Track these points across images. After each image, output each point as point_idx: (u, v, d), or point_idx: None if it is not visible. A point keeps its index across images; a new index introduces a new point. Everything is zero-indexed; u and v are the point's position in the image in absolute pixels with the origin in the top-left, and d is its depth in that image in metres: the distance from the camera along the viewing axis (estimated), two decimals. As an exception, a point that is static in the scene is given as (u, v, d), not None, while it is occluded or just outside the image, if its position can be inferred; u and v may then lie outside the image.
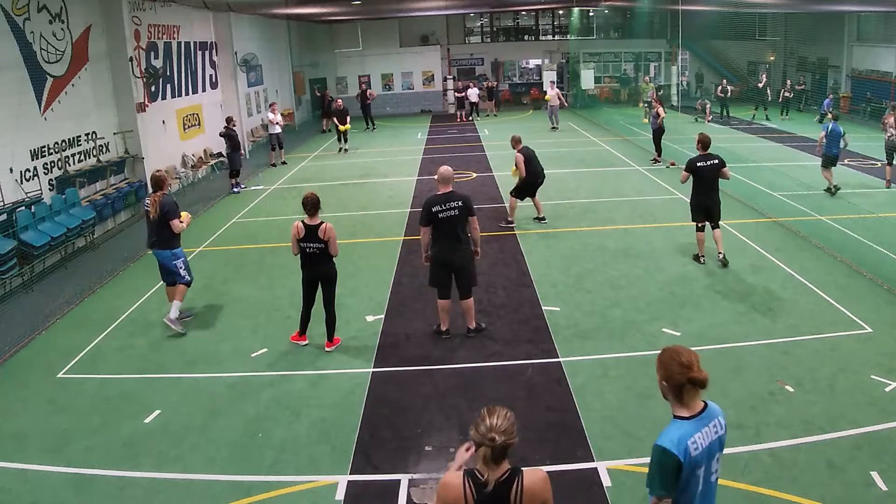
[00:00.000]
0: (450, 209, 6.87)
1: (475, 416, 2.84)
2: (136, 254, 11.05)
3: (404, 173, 16.71)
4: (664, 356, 3.03)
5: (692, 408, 3.00)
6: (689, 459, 2.90)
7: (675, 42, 27.37)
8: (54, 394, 6.65)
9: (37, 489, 5.17)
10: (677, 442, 2.90)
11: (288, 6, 19.48)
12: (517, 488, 2.79)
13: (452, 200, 6.90)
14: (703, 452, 2.94)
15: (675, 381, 2.97)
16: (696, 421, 2.97)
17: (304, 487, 5.06)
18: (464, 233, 7.01)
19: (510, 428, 2.78)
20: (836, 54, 26.30)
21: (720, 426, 3.04)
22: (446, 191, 6.97)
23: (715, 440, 3.01)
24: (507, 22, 33.93)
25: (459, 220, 6.92)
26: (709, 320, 7.58)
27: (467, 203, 6.94)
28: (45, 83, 11.17)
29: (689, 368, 2.95)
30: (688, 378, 2.94)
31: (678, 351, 3.01)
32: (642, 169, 15.89)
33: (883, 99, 23.28)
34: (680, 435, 2.92)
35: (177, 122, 16.49)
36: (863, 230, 10.49)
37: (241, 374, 6.84)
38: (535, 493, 2.82)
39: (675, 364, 2.97)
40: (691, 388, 2.97)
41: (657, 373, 3.05)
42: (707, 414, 3.01)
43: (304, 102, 28.91)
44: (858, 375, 6.24)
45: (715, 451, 3.02)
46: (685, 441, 2.90)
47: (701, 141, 9.22)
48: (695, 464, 2.93)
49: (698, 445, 2.92)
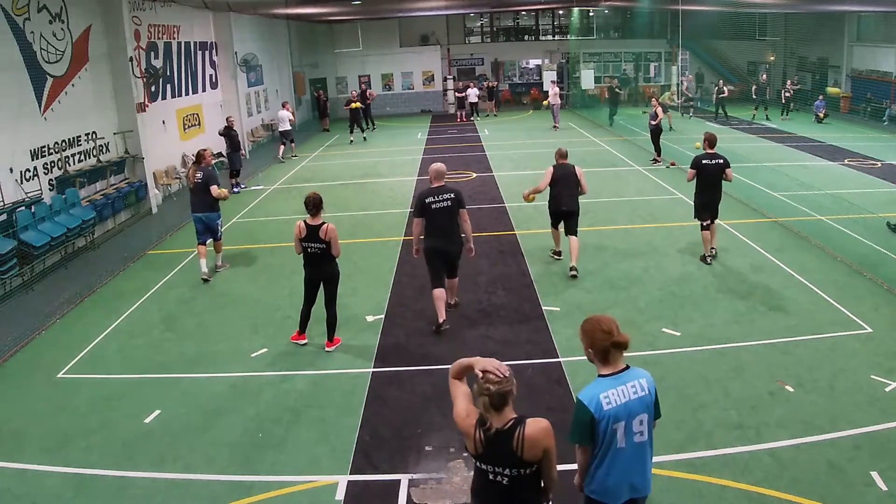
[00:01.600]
0: (442, 201, 7.25)
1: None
2: (136, 254, 11.06)
3: (404, 173, 16.71)
4: (586, 325, 3.31)
5: (614, 368, 3.28)
6: (602, 413, 3.18)
7: (675, 42, 27.36)
8: (54, 394, 6.65)
9: (37, 489, 5.17)
10: (590, 396, 3.21)
11: (288, 6, 19.49)
12: (519, 435, 3.02)
13: (444, 194, 7.28)
14: (618, 408, 3.20)
15: (599, 347, 3.25)
16: (614, 378, 3.25)
17: (304, 487, 5.06)
18: (456, 225, 7.35)
19: (503, 377, 3.05)
20: (836, 54, 26.31)
21: (641, 388, 3.27)
22: (439, 185, 7.34)
23: (635, 399, 3.24)
24: (507, 22, 33.92)
25: (451, 211, 7.26)
26: (709, 320, 7.58)
27: (458, 196, 7.32)
28: (45, 83, 11.17)
29: (609, 334, 3.23)
30: (611, 342, 3.22)
31: (599, 319, 3.29)
32: (642, 169, 15.90)
33: (883, 99, 23.29)
34: (596, 390, 3.23)
35: (177, 122, 16.49)
36: (863, 230, 10.49)
37: (241, 374, 6.84)
38: (536, 440, 3.03)
39: (598, 332, 3.25)
40: (615, 352, 3.25)
41: (582, 341, 3.33)
42: (627, 374, 3.28)
43: (304, 102, 28.91)
44: (858, 375, 6.24)
45: (636, 412, 3.24)
46: (597, 395, 3.20)
47: (707, 139, 9.23)
48: (609, 418, 3.18)
49: (611, 401, 3.19)
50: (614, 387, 3.22)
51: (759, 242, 10.17)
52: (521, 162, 16.84)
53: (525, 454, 3.02)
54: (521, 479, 3.08)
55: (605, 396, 3.19)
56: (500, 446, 3.04)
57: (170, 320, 8.31)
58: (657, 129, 16.39)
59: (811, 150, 17.84)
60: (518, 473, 3.07)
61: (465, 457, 5.26)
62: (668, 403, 5.43)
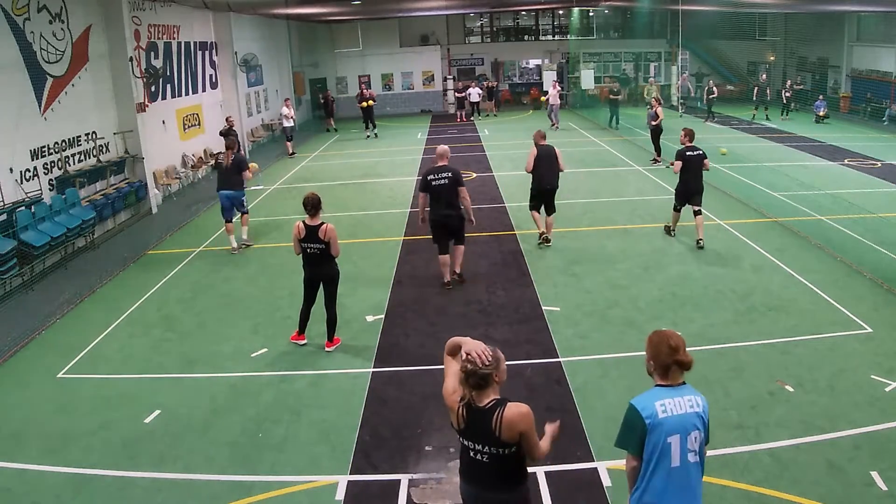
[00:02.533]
0: (441, 178, 8.28)
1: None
2: (137, 254, 11.06)
3: (404, 173, 16.70)
4: (654, 338, 3.23)
5: (672, 382, 3.20)
6: (657, 420, 3.06)
7: (675, 42, 27.37)
8: (54, 394, 6.65)
9: (37, 489, 5.17)
10: (645, 402, 3.13)
11: (288, 6, 19.48)
12: (498, 416, 3.15)
13: (444, 172, 8.32)
14: (675, 419, 3.08)
15: (662, 361, 3.18)
16: (672, 388, 3.17)
17: (304, 487, 5.06)
18: (454, 198, 8.32)
19: (487, 361, 3.17)
20: (836, 54, 26.31)
21: (697, 405, 3.17)
22: (442, 164, 8.40)
23: (691, 414, 3.12)
24: (507, 22, 33.91)
25: (449, 188, 8.27)
26: (709, 320, 7.58)
27: (456, 175, 8.38)
28: (45, 83, 11.17)
29: (676, 351, 3.16)
30: (675, 360, 3.15)
31: (668, 335, 3.21)
32: (642, 169, 15.90)
33: (883, 99, 23.30)
34: (651, 396, 3.14)
35: (177, 122, 16.49)
36: (863, 230, 10.49)
37: (241, 374, 6.84)
38: (513, 423, 3.14)
39: (665, 346, 3.16)
40: (676, 369, 3.18)
41: (646, 351, 3.25)
42: (684, 388, 3.20)
43: (304, 102, 28.90)
44: (858, 375, 6.24)
45: (691, 427, 3.11)
46: (653, 401, 3.10)
47: (686, 133, 10.14)
48: (664, 428, 3.05)
49: (668, 409, 3.09)
50: (671, 396, 3.13)
51: (759, 242, 10.17)
52: (521, 162, 16.77)
53: (503, 435, 3.15)
54: (501, 457, 3.22)
55: (662, 404, 3.09)
56: (480, 424, 3.19)
57: (170, 320, 8.31)
58: (657, 129, 16.38)
59: (811, 150, 17.84)
60: (497, 452, 3.21)
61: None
62: (668, 403, 5.43)
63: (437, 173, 8.32)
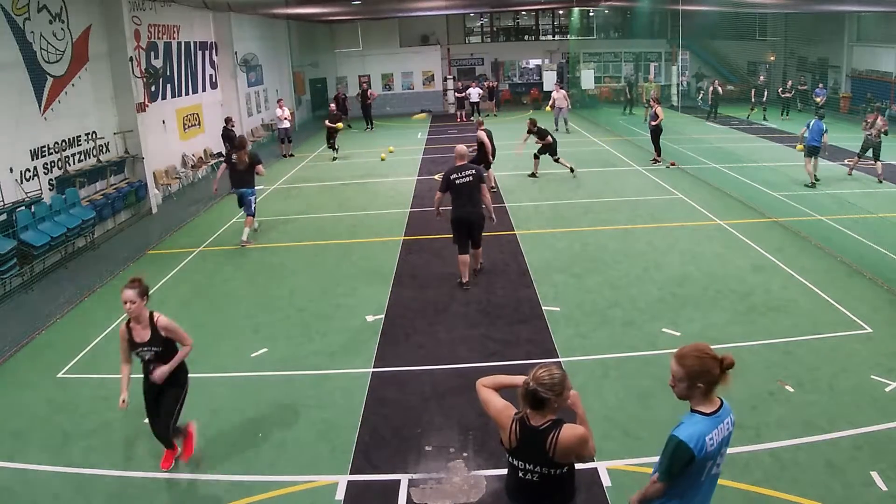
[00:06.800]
0: (465, 176, 8.53)
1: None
2: (137, 254, 11.06)
3: (404, 173, 16.70)
4: (694, 362, 3.01)
5: (713, 403, 3.09)
6: (705, 455, 3.00)
7: (675, 42, 27.37)
8: (54, 394, 6.65)
9: (37, 489, 5.17)
10: (696, 438, 2.98)
11: (288, 6, 19.49)
12: (553, 438, 3.06)
13: (467, 170, 8.59)
14: (716, 448, 3.05)
15: (711, 378, 3.01)
16: (714, 418, 3.06)
17: (304, 487, 5.06)
18: (477, 197, 8.58)
19: (550, 383, 3.03)
20: (836, 54, 26.30)
21: (731, 423, 3.15)
22: (462, 163, 8.65)
23: (726, 436, 3.12)
24: (507, 22, 33.92)
25: (473, 185, 8.53)
26: (709, 320, 7.58)
27: (479, 173, 8.71)
28: (45, 83, 11.16)
29: (718, 359, 3.02)
30: (723, 368, 3.00)
31: (703, 348, 3.05)
32: (642, 169, 15.89)
33: (883, 99, 23.29)
34: (700, 431, 3.00)
35: (177, 121, 16.48)
36: (863, 230, 10.49)
37: (241, 374, 6.84)
38: (568, 446, 3.06)
39: (709, 360, 3.00)
40: (723, 377, 3.02)
41: (684, 377, 3.04)
42: (723, 411, 3.11)
43: (304, 102, 28.89)
44: (858, 375, 6.24)
45: (725, 445, 3.13)
46: (703, 438, 3.00)
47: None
48: (707, 457, 3.03)
49: (714, 442, 3.03)
50: (716, 426, 3.05)
51: (759, 242, 10.17)
52: (522, 162, 16.78)
53: (556, 456, 3.08)
54: (552, 478, 3.15)
55: (710, 438, 3.01)
56: (533, 444, 3.10)
57: (170, 320, 8.30)
58: (657, 129, 16.38)
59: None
60: (549, 473, 3.13)
61: (466, 457, 5.27)
62: (669, 404, 5.42)
63: (461, 171, 8.55)
